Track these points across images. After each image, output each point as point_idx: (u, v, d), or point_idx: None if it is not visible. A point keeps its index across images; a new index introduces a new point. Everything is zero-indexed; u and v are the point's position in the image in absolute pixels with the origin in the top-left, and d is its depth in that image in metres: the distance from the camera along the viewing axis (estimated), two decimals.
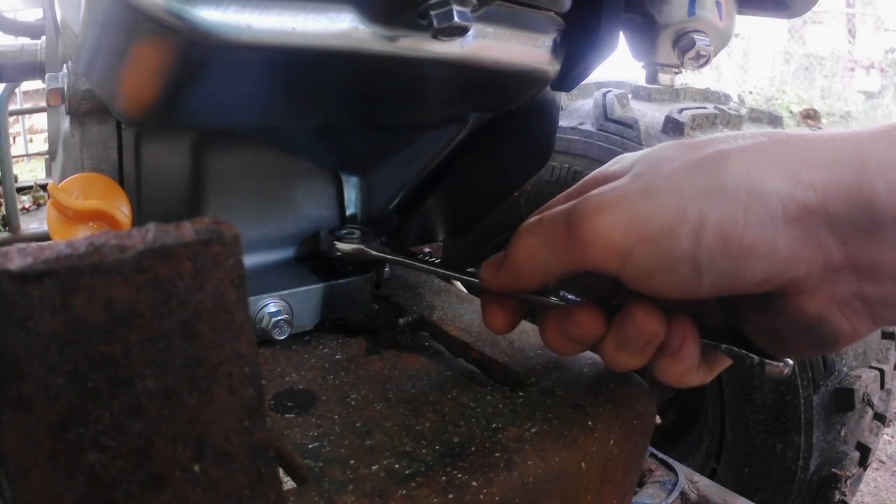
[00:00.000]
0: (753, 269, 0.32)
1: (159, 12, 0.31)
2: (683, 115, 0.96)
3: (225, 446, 0.23)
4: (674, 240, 0.32)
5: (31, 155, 3.53)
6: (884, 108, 5.65)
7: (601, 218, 0.34)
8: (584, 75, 0.48)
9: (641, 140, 0.95)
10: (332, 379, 0.44)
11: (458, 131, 0.54)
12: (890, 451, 1.94)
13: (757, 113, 1.11)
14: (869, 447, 1.09)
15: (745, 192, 0.32)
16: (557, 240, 0.35)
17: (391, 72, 0.40)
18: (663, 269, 0.33)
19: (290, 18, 0.34)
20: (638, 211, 0.33)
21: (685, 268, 0.33)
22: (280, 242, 0.55)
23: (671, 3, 0.49)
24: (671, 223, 0.32)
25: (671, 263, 0.33)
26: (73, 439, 0.20)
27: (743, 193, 0.32)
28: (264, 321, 0.48)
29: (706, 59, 0.50)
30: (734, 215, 0.32)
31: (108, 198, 0.42)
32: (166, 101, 0.37)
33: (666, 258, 0.33)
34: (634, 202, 0.33)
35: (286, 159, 0.52)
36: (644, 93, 1.07)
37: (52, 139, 0.62)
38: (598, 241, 0.34)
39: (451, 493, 0.34)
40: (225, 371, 0.23)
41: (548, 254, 0.36)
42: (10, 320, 0.19)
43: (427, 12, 0.35)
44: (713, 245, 0.32)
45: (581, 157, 0.98)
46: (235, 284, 0.22)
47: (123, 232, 0.21)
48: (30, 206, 2.12)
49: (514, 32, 0.43)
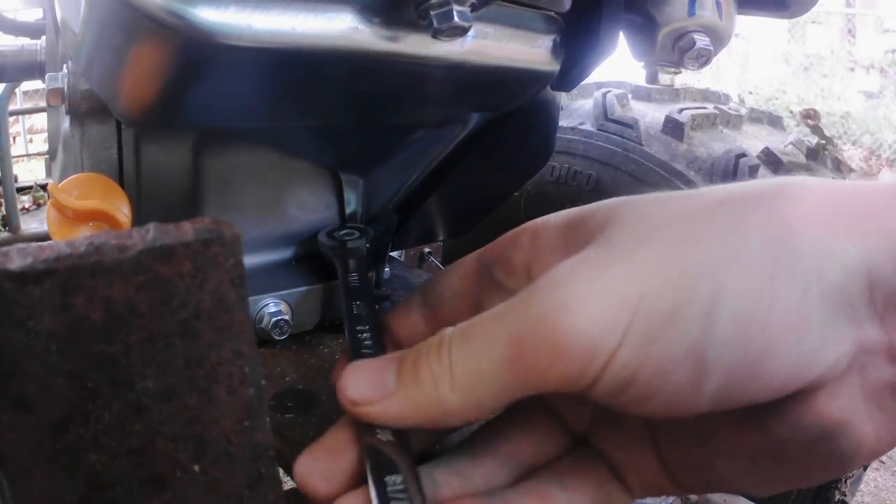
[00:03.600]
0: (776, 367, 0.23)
1: (159, 12, 0.31)
2: (683, 115, 0.97)
3: (225, 446, 0.23)
4: (678, 327, 0.23)
5: (31, 155, 3.53)
6: (884, 107, 5.65)
7: (573, 309, 0.23)
8: (584, 75, 0.48)
9: (641, 140, 0.95)
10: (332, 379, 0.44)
11: (458, 131, 0.54)
12: (890, 451, 1.94)
13: (757, 113, 1.11)
14: None
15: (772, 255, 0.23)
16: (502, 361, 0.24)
17: (391, 72, 0.40)
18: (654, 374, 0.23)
19: (290, 18, 0.34)
20: (629, 289, 0.23)
21: (685, 370, 0.23)
22: (280, 242, 0.55)
23: (671, 3, 0.49)
24: (675, 303, 0.23)
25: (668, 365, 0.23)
26: (73, 439, 0.20)
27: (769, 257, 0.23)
28: (264, 321, 0.48)
29: (706, 59, 0.50)
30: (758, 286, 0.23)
31: (108, 198, 0.42)
32: (166, 101, 0.37)
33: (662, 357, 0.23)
34: (621, 278, 0.24)
35: (286, 159, 0.52)
36: (644, 93, 1.07)
37: (52, 139, 0.62)
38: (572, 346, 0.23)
39: None
40: (225, 371, 0.23)
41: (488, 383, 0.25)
42: (10, 320, 0.19)
43: (427, 12, 0.35)
44: (728, 333, 0.23)
45: (581, 157, 0.98)
46: (235, 284, 0.22)
47: (123, 232, 0.21)
48: (30, 206, 2.12)
49: (514, 32, 0.43)
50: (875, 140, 5.02)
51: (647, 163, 0.93)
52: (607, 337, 0.23)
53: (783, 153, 0.96)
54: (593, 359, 0.23)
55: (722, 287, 0.23)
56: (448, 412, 0.26)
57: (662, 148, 0.94)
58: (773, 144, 0.98)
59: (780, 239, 0.23)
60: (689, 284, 0.23)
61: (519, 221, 0.36)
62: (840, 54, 6.35)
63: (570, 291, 0.24)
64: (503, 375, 0.25)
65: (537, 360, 0.24)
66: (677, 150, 0.93)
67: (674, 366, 0.23)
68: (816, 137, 1.09)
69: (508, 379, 0.25)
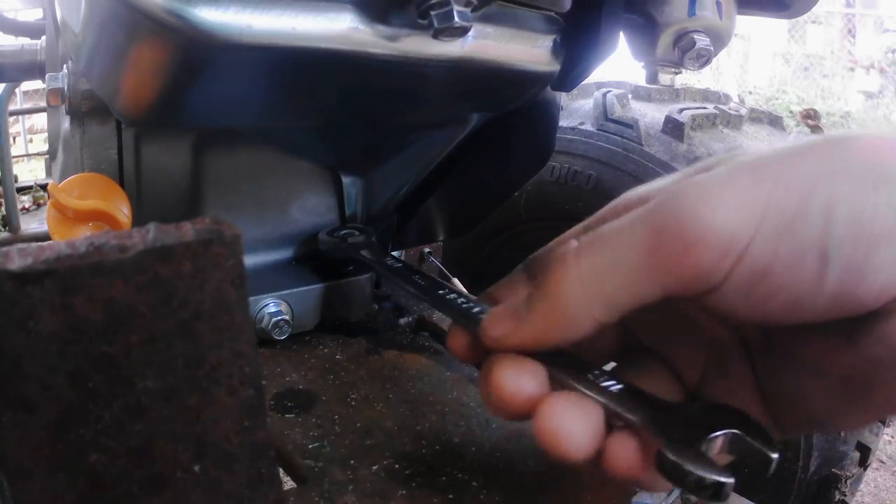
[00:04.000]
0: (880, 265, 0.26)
1: (159, 12, 0.31)
2: (683, 115, 0.97)
3: (225, 446, 0.23)
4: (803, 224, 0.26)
5: (31, 155, 3.52)
6: (884, 107, 5.66)
7: (709, 203, 0.26)
8: (584, 75, 0.48)
9: (641, 140, 0.95)
10: (332, 379, 0.44)
11: (459, 131, 0.54)
12: (890, 451, 1.93)
13: (757, 113, 1.11)
14: (869, 447, 1.09)
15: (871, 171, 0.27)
16: (637, 252, 0.27)
17: (391, 72, 0.40)
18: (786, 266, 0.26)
19: (290, 18, 0.34)
20: (756, 193, 0.26)
21: (812, 261, 0.26)
22: (280, 242, 0.55)
23: (671, 3, 0.49)
24: (799, 204, 0.26)
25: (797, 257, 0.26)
26: (73, 439, 0.20)
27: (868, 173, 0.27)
28: (264, 321, 0.48)
29: (706, 59, 0.50)
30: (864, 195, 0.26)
31: (108, 198, 0.42)
32: (166, 101, 0.37)
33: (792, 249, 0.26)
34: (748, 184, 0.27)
35: (286, 159, 0.52)
36: (644, 93, 1.07)
37: (52, 139, 0.62)
38: (709, 235, 0.26)
39: (451, 493, 0.34)
40: (225, 371, 0.23)
41: (620, 276, 0.27)
42: (10, 320, 0.19)
43: (427, 13, 0.35)
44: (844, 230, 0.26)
45: (581, 157, 0.98)
46: (235, 284, 0.22)
47: (123, 232, 0.21)
48: (30, 206, 2.11)
49: (514, 33, 0.43)
50: None
51: (647, 163, 0.93)
52: (742, 229, 0.26)
53: None
54: (729, 249, 0.26)
55: (836, 192, 0.26)
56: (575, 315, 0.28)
57: (662, 148, 0.94)
58: (774, 144, 0.98)
59: (872, 160, 0.27)
60: (808, 190, 0.26)
61: (519, 221, 0.36)
62: (840, 54, 6.36)
63: (704, 192, 0.27)
64: (639, 265, 0.27)
65: (676, 249, 0.26)
66: (677, 151, 0.93)
67: (800, 258, 0.26)
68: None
69: (644, 270, 0.27)
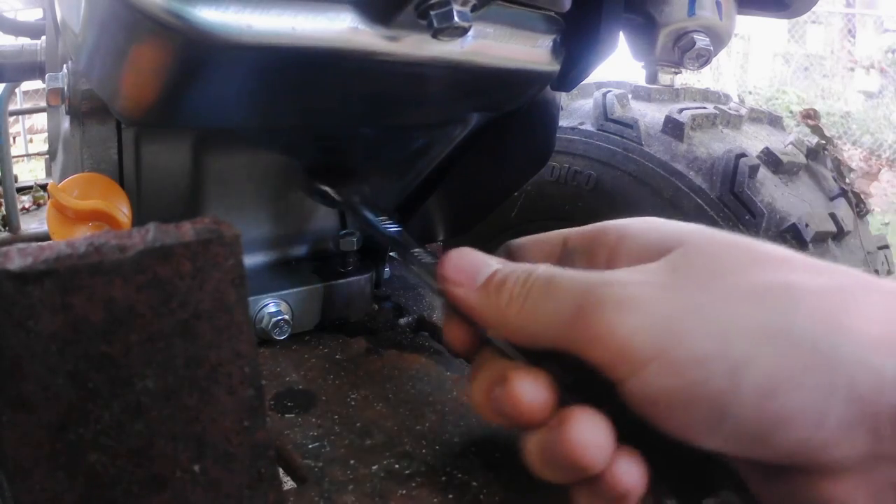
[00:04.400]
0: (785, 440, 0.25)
1: (159, 12, 0.31)
2: (683, 115, 0.96)
3: (225, 446, 0.23)
4: (704, 373, 0.25)
5: (31, 155, 3.52)
6: (884, 107, 5.65)
7: (620, 317, 0.27)
8: (584, 75, 0.48)
9: (641, 140, 0.95)
10: (332, 379, 0.44)
11: (459, 131, 0.54)
12: None
13: (757, 113, 1.11)
14: None
15: (811, 346, 0.25)
16: (561, 320, 0.29)
17: (391, 72, 0.40)
18: (677, 403, 0.26)
19: (290, 18, 0.34)
20: (670, 324, 0.26)
21: (704, 411, 0.26)
22: (280, 242, 0.55)
23: (671, 3, 0.49)
24: (709, 353, 0.25)
25: (689, 400, 0.26)
26: (73, 439, 0.20)
27: (807, 348, 0.25)
28: (264, 321, 0.48)
29: (706, 59, 0.50)
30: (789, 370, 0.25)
31: (108, 198, 0.42)
32: (166, 101, 0.37)
33: (685, 391, 0.26)
34: (668, 312, 0.27)
35: (286, 159, 0.52)
36: (644, 93, 1.07)
37: (52, 139, 0.62)
38: (609, 342, 0.27)
39: (451, 493, 0.34)
40: (225, 371, 0.23)
41: (545, 325, 0.29)
42: (10, 320, 0.19)
43: (427, 12, 0.35)
44: (749, 398, 0.25)
45: (581, 157, 0.98)
46: (235, 284, 0.22)
47: (123, 232, 0.21)
48: (30, 206, 2.11)
49: (514, 32, 0.43)
50: (875, 140, 5.02)
51: (647, 163, 0.93)
52: (640, 349, 0.26)
53: (783, 153, 0.96)
54: (622, 363, 0.27)
55: (754, 357, 0.25)
56: (507, 327, 0.31)
57: (662, 148, 0.94)
58: (773, 144, 0.98)
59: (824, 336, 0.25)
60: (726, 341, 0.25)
61: (519, 221, 0.36)
62: (840, 54, 6.35)
63: (627, 300, 0.27)
64: (559, 326, 0.29)
65: (587, 334, 0.28)
66: (677, 150, 0.93)
67: (696, 404, 0.26)
68: (816, 137, 1.09)
69: (561, 331, 0.29)
